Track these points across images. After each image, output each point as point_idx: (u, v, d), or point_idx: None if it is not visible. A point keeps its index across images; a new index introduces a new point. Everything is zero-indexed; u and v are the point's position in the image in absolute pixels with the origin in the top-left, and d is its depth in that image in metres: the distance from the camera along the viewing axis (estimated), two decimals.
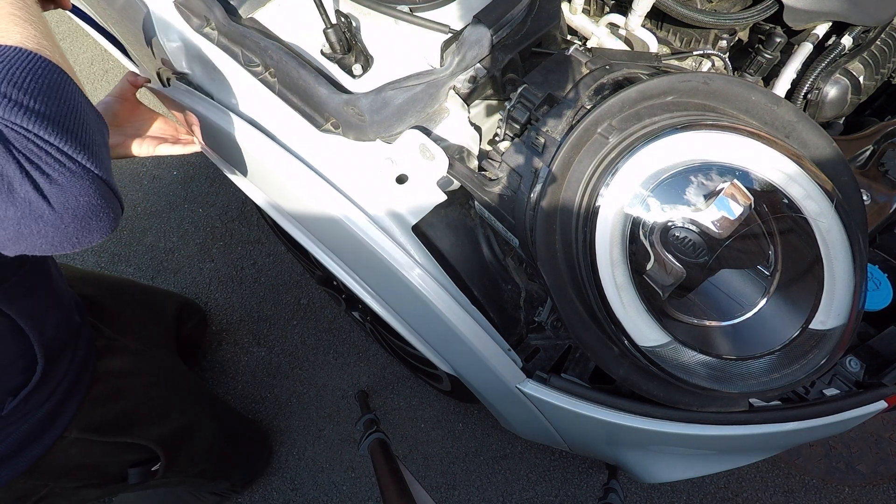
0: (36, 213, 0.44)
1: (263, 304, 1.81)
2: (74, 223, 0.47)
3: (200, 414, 1.14)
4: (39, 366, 0.73)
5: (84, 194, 0.47)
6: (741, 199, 0.57)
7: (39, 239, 0.46)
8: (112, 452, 0.90)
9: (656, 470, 0.95)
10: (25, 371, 0.73)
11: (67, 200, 0.46)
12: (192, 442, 1.09)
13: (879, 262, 0.86)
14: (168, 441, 0.99)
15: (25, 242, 0.46)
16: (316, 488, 1.60)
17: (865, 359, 0.80)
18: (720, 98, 0.65)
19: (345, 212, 0.72)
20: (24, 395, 0.72)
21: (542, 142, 0.66)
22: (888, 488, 1.56)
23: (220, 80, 0.83)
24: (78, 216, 0.47)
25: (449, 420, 1.65)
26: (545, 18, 0.76)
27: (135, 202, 1.97)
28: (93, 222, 0.49)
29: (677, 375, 0.64)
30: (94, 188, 0.47)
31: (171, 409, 1.02)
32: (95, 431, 0.84)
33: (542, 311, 0.84)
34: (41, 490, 0.82)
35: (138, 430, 0.93)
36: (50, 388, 0.76)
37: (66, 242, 0.48)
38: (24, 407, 0.73)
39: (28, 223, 0.44)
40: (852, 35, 0.85)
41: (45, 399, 0.75)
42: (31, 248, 0.47)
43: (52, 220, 0.45)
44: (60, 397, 0.78)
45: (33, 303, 0.72)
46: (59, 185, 0.45)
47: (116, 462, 0.93)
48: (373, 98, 0.67)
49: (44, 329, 0.73)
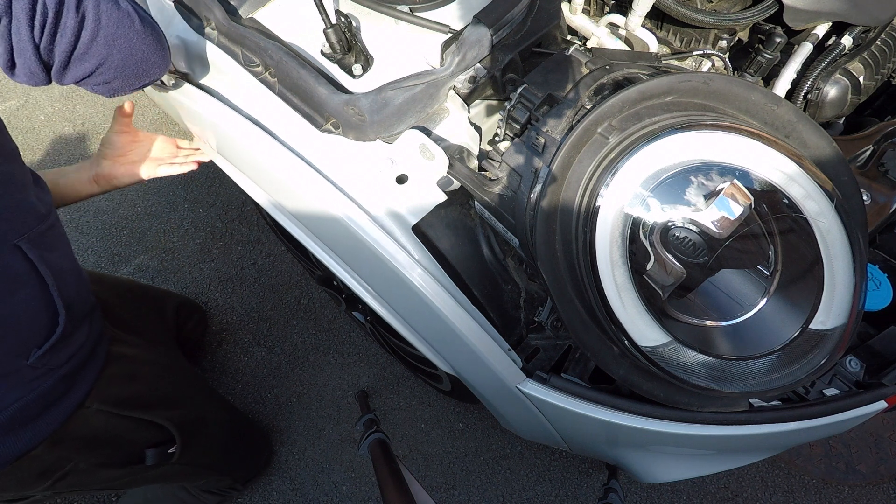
0: (131, 19, 0.64)
1: (263, 304, 1.81)
2: (149, 40, 0.67)
3: (208, 406, 1.17)
4: (62, 318, 0.78)
5: (157, 28, 0.69)
6: (741, 199, 0.57)
7: (126, 43, 0.64)
8: (131, 428, 0.94)
9: (656, 470, 0.95)
10: (49, 325, 0.78)
11: (150, 24, 0.67)
12: (204, 431, 1.12)
13: (879, 262, 0.86)
14: (182, 425, 1.03)
15: (116, 45, 0.63)
16: (316, 488, 1.60)
17: (865, 359, 0.80)
18: (720, 98, 0.65)
19: (346, 211, 0.72)
20: (48, 346, 0.76)
21: (542, 142, 0.66)
22: (888, 488, 1.56)
23: (220, 81, 0.83)
24: (153, 36, 0.68)
25: (449, 420, 1.65)
26: (545, 18, 0.76)
27: (135, 202, 1.97)
28: (157, 49, 0.69)
29: (677, 375, 0.64)
30: (161, 32, 0.70)
31: (181, 399, 1.06)
32: (115, 405, 0.89)
33: (542, 311, 0.84)
34: (65, 465, 0.85)
35: (154, 411, 0.97)
36: (70, 350, 0.81)
37: (139, 55, 0.66)
38: (47, 360, 0.77)
39: (124, 26, 0.63)
40: (852, 35, 0.85)
41: (66, 360, 0.80)
42: (118, 51, 0.64)
43: (139, 29, 0.65)
44: (80, 361, 0.82)
45: (54, 258, 0.78)
46: (146, 14, 0.67)
47: (135, 440, 0.97)
48: (373, 98, 0.67)
49: (63, 287, 0.79)
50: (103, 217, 1.96)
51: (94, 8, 0.60)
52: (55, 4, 0.57)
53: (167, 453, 1.01)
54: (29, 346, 0.75)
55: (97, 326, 0.89)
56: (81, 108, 2.19)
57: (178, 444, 1.02)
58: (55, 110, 2.19)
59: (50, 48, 0.59)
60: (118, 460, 0.95)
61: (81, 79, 0.65)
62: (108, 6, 0.61)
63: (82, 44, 0.61)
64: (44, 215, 0.78)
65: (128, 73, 0.67)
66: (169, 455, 1.02)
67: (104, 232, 1.93)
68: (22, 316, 0.74)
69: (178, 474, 1.15)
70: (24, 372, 0.75)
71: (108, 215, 1.96)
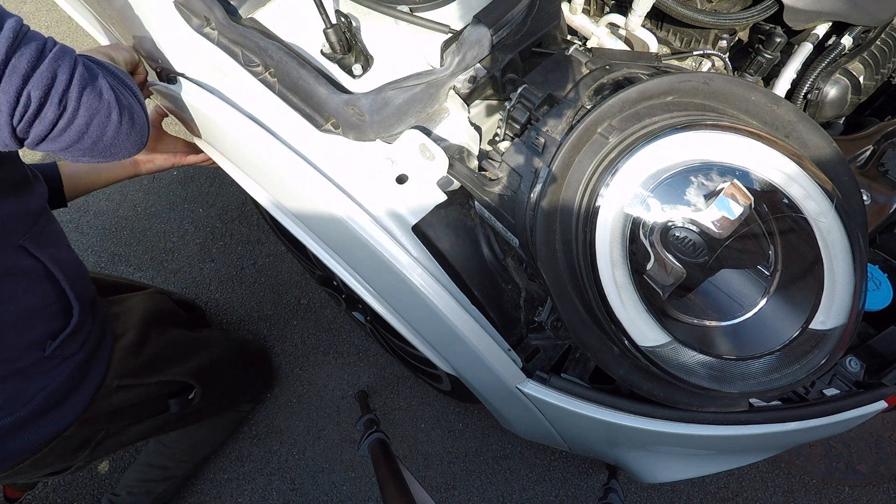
0: (108, 112, 0.67)
1: (263, 304, 1.81)
2: (125, 132, 0.69)
3: (215, 347, 1.26)
4: (76, 310, 0.84)
5: (138, 119, 0.71)
6: (741, 199, 0.57)
7: (99, 133, 0.66)
8: (152, 392, 1.03)
9: (656, 470, 0.95)
10: (62, 316, 0.84)
11: (129, 116, 0.70)
12: (217, 371, 1.23)
13: (879, 262, 0.86)
14: (198, 374, 1.13)
15: (89, 134, 0.65)
16: (316, 488, 1.60)
17: (865, 359, 0.80)
18: (720, 98, 0.65)
19: (346, 211, 0.72)
20: (63, 337, 0.82)
21: (542, 142, 0.66)
22: (888, 488, 1.56)
23: (220, 81, 0.83)
24: (129, 128, 0.70)
25: (449, 420, 1.65)
26: (545, 18, 0.76)
27: (135, 202, 1.97)
28: (132, 139, 0.71)
29: (677, 375, 0.64)
30: (144, 120, 0.73)
31: (191, 351, 1.15)
32: (132, 376, 0.97)
33: (542, 311, 0.84)
34: (99, 434, 0.95)
35: (170, 371, 1.07)
36: (82, 337, 0.87)
37: (108, 144, 0.68)
38: (63, 350, 0.83)
39: (101, 118, 0.66)
40: (852, 35, 0.85)
41: (79, 347, 0.86)
42: (89, 138, 0.66)
43: (115, 121, 0.67)
44: (92, 346, 0.89)
45: (58, 253, 0.84)
46: (129, 105, 0.70)
47: (157, 398, 1.07)
48: (373, 98, 0.67)
49: (71, 279, 0.84)
50: (103, 217, 1.96)
51: (75, 100, 0.63)
52: (39, 98, 0.59)
53: (188, 399, 1.13)
54: (44, 339, 0.81)
55: (101, 311, 0.95)
56: None
57: (198, 390, 1.13)
58: None
59: (26, 130, 0.62)
60: (145, 416, 1.06)
61: (53, 151, 0.67)
62: (90, 98, 0.64)
63: (57, 130, 0.63)
64: (39, 211, 0.82)
65: (96, 154, 0.69)
66: (190, 400, 1.13)
67: (104, 232, 1.93)
68: (37, 311, 0.80)
69: (199, 413, 1.26)
70: (43, 364, 0.81)
71: (108, 215, 1.96)
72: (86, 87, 0.64)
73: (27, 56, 0.58)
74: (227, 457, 1.64)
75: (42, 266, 0.80)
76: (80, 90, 0.63)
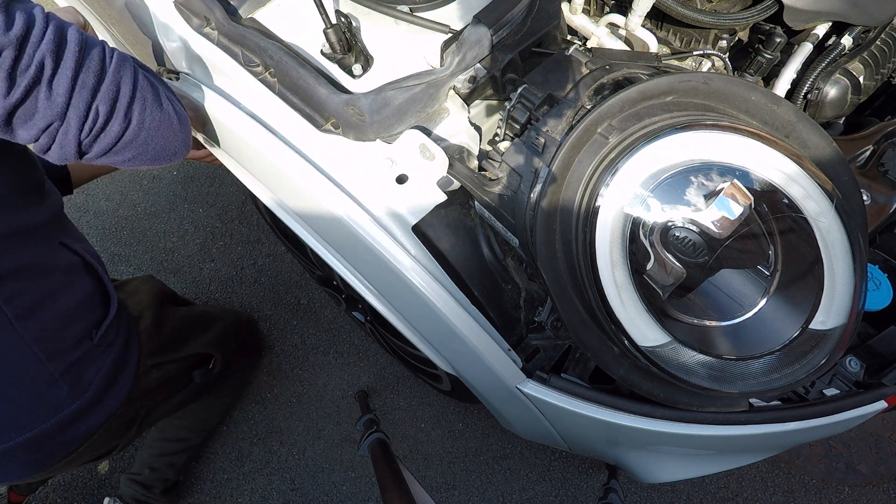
0: (171, 120, 0.68)
1: (263, 304, 1.81)
2: (182, 136, 0.70)
3: (224, 315, 1.36)
4: (113, 296, 0.90)
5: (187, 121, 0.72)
6: (741, 199, 0.57)
7: (163, 141, 0.67)
8: (179, 367, 1.13)
9: (656, 470, 0.95)
10: (103, 305, 0.90)
11: (185, 120, 0.71)
12: (231, 340, 1.33)
13: (879, 262, 0.86)
14: (217, 344, 1.23)
15: (153, 143, 0.66)
16: (316, 488, 1.60)
17: (865, 359, 0.80)
18: (720, 98, 0.65)
19: (347, 211, 0.72)
20: (106, 324, 0.88)
21: (542, 142, 0.66)
22: (888, 488, 1.56)
23: (220, 81, 0.83)
24: (185, 132, 0.71)
25: (449, 420, 1.65)
26: (545, 18, 0.76)
27: (135, 202, 1.97)
28: (187, 141, 0.72)
29: (677, 375, 0.64)
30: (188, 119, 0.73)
31: (204, 321, 1.24)
32: (160, 354, 1.05)
33: (542, 311, 0.84)
34: (141, 412, 1.03)
35: (192, 344, 1.16)
36: (117, 324, 0.93)
37: (171, 149, 0.69)
38: (106, 337, 0.89)
39: (164, 127, 0.67)
40: (852, 35, 0.85)
41: (117, 333, 0.93)
42: (153, 148, 0.67)
43: (176, 128, 0.69)
44: (126, 331, 0.96)
45: (87, 245, 0.89)
46: (181, 109, 0.71)
47: (183, 372, 1.16)
48: (373, 98, 0.67)
49: (104, 269, 0.90)
50: (103, 217, 1.96)
51: (139, 112, 0.63)
52: (106, 112, 0.60)
53: (209, 369, 1.22)
54: (91, 329, 0.87)
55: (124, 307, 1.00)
56: None
57: (218, 359, 1.23)
58: None
59: (91, 145, 0.62)
60: (175, 390, 1.15)
61: (113, 163, 0.68)
62: (153, 109, 0.65)
63: (122, 143, 0.64)
64: (62, 208, 0.87)
65: (158, 160, 0.70)
66: (211, 370, 1.23)
67: (104, 232, 1.93)
68: (84, 303, 0.86)
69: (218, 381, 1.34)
70: (93, 352, 0.87)
71: (108, 215, 1.96)
72: (148, 99, 0.64)
73: (93, 69, 0.58)
74: (227, 457, 1.64)
75: (81, 259, 0.86)
76: (143, 102, 0.63)
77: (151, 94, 0.65)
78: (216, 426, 1.59)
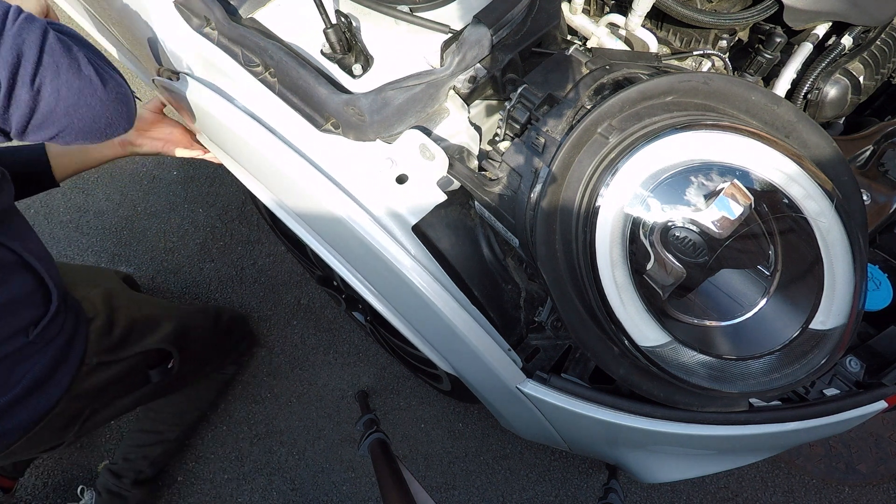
0: (93, 87, 0.62)
1: (263, 304, 1.81)
2: (114, 106, 0.65)
3: (185, 315, 1.29)
4: (55, 295, 0.87)
5: (122, 89, 0.67)
6: (741, 199, 0.57)
7: (89, 112, 0.63)
8: (131, 365, 1.07)
9: (656, 470, 0.95)
10: (43, 303, 0.87)
11: (114, 88, 0.65)
12: (191, 337, 1.25)
13: (879, 262, 0.86)
14: (172, 340, 1.16)
15: (77, 114, 0.62)
16: (316, 488, 1.60)
17: (865, 359, 0.80)
18: (720, 98, 0.65)
19: (347, 211, 0.72)
20: (44, 323, 0.86)
21: (543, 142, 0.66)
22: (888, 488, 1.56)
23: (220, 81, 0.83)
24: (118, 101, 0.66)
25: (449, 420, 1.65)
26: (545, 18, 0.76)
27: (135, 202, 1.97)
28: (123, 112, 0.68)
29: (677, 375, 0.64)
30: (128, 90, 0.69)
31: (161, 320, 1.18)
32: (109, 353, 1.01)
33: (542, 311, 0.84)
34: (85, 411, 0.99)
35: (145, 342, 1.10)
36: (60, 321, 0.91)
37: (102, 122, 0.65)
38: (45, 334, 0.87)
39: (86, 95, 0.61)
40: (852, 35, 0.85)
41: (59, 331, 0.90)
42: (79, 120, 0.63)
43: (102, 97, 0.63)
44: (70, 329, 0.93)
45: (31, 245, 0.87)
46: (111, 76, 0.65)
47: (137, 371, 1.11)
48: (373, 98, 0.67)
49: (47, 268, 0.88)
50: (103, 217, 1.96)
51: (52, 80, 0.58)
52: (7, 79, 0.55)
53: (167, 368, 1.16)
54: (28, 326, 0.85)
55: (71, 296, 0.99)
56: None
57: (176, 357, 1.16)
58: None
59: (4, 117, 0.59)
60: (128, 391, 1.10)
61: (43, 140, 0.65)
62: (69, 76, 0.60)
63: (39, 115, 0.60)
64: (6, 209, 0.84)
65: (90, 135, 0.66)
66: (169, 370, 1.17)
67: (104, 232, 1.93)
68: (19, 300, 0.83)
69: (182, 379, 1.29)
70: (27, 349, 0.85)
71: (108, 215, 1.96)
72: (62, 65, 0.59)
73: None
74: (227, 457, 1.64)
75: (18, 257, 0.83)
76: (56, 68, 0.58)
77: (67, 59, 0.59)
78: (195, 422, 1.58)
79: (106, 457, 1.65)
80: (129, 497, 1.47)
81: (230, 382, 1.69)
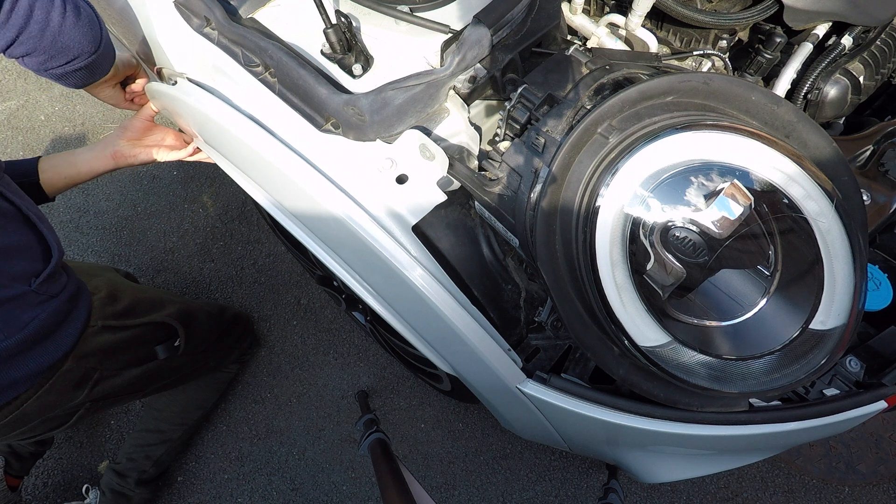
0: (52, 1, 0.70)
1: (263, 304, 1.81)
2: (73, 19, 0.72)
3: (190, 303, 1.33)
4: (55, 251, 0.90)
5: (87, 13, 0.75)
6: (741, 199, 0.57)
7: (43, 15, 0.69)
8: (137, 335, 1.11)
9: (656, 470, 0.95)
10: (44, 257, 0.90)
11: (76, 8, 0.73)
12: (197, 321, 1.29)
13: (879, 262, 0.86)
14: (179, 318, 1.20)
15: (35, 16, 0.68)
16: (316, 488, 1.60)
17: (865, 359, 0.80)
18: (720, 98, 0.65)
19: (346, 211, 0.72)
20: (46, 274, 0.88)
21: (542, 142, 0.66)
22: (888, 488, 1.56)
23: (220, 81, 0.83)
24: (81, 18, 0.74)
25: (449, 420, 1.65)
26: (545, 18, 0.76)
27: (135, 202, 1.97)
28: (83, 31, 0.74)
29: (677, 375, 0.64)
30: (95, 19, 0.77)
31: (167, 301, 1.22)
32: (115, 318, 1.05)
33: (542, 311, 0.84)
34: (93, 374, 1.01)
35: (150, 315, 1.14)
36: (62, 281, 0.93)
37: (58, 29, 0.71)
38: (47, 287, 0.89)
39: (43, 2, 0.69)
40: (852, 35, 0.85)
41: (61, 289, 0.92)
42: (38, 23, 0.69)
43: (59, 6, 0.71)
44: (73, 291, 0.95)
45: (33, 207, 0.89)
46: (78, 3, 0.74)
47: (145, 341, 1.14)
48: (373, 98, 0.67)
49: (48, 228, 0.90)
50: (103, 217, 1.96)
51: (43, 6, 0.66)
52: None
53: (174, 346, 1.19)
54: (29, 276, 0.87)
55: (73, 273, 1.01)
56: (81, 108, 2.19)
57: (182, 335, 1.19)
58: (55, 110, 2.19)
59: None
60: (136, 360, 1.12)
61: (5, 48, 0.70)
62: None
63: (25, 35, 0.68)
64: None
65: (48, 48, 0.72)
66: (176, 347, 1.19)
67: (104, 232, 1.93)
68: (17, 250, 0.86)
69: (187, 368, 1.33)
70: (30, 297, 0.86)
71: (108, 215, 1.96)
72: None
73: None
74: (228, 457, 1.65)
75: (17, 210, 0.86)
76: None
77: None
78: (198, 421, 1.59)
79: (107, 457, 1.66)
80: (132, 496, 1.48)
81: (232, 382, 1.69)
